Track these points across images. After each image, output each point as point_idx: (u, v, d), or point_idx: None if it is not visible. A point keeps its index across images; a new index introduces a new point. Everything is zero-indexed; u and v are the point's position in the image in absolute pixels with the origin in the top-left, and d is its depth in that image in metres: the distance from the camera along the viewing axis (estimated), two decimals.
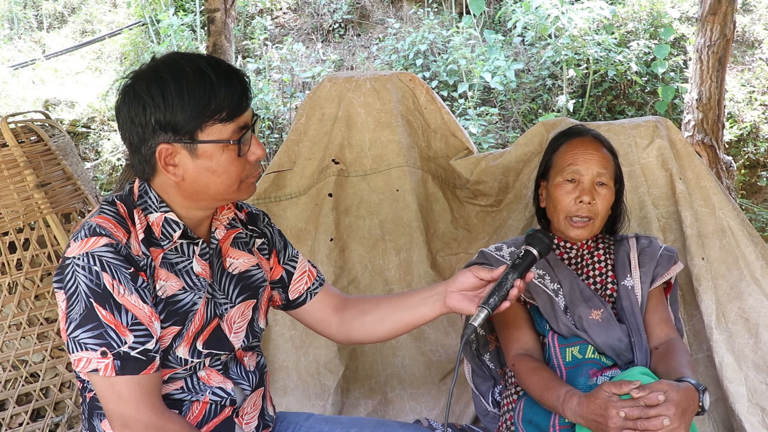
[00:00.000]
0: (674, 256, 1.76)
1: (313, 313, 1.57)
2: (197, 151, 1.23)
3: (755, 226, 4.65)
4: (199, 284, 1.33)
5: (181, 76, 1.21)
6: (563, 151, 1.74)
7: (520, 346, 1.66)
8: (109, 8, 7.80)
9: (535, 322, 1.72)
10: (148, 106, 1.20)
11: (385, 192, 2.35)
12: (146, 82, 1.22)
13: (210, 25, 4.16)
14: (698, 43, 3.89)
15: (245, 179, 1.29)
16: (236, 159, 1.25)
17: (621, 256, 1.75)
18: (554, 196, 1.71)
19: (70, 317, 1.20)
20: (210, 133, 1.22)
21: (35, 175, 2.35)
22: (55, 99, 6.35)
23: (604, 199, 1.69)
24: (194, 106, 1.20)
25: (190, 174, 1.25)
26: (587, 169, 1.68)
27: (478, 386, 1.91)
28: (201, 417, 1.33)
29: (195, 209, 1.32)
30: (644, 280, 1.70)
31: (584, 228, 1.68)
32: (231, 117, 1.23)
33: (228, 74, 1.24)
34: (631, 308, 1.67)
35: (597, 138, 1.76)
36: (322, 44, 6.79)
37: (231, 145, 1.24)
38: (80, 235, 1.21)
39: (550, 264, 1.73)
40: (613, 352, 1.63)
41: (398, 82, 2.35)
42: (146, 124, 1.21)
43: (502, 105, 5.90)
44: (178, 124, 1.20)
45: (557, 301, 1.68)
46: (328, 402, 2.26)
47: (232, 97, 1.22)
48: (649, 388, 1.33)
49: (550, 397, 1.48)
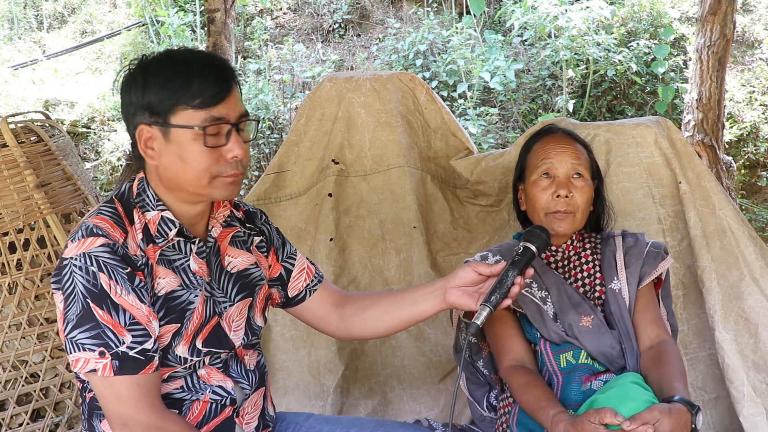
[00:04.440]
0: (661, 252, 1.73)
1: (313, 310, 1.57)
2: (170, 136, 1.25)
3: (755, 226, 4.65)
4: (195, 282, 1.33)
5: (167, 60, 1.26)
6: (536, 150, 1.74)
7: (512, 357, 1.64)
8: (109, 8, 7.80)
9: (525, 331, 1.70)
10: (134, 86, 1.25)
11: (385, 192, 2.35)
12: (139, 66, 1.27)
13: (210, 25, 4.16)
14: (698, 43, 3.88)
15: (218, 175, 1.27)
16: (205, 150, 1.25)
17: (607, 257, 1.72)
18: (532, 195, 1.70)
19: (67, 318, 1.20)
20: (180, 118, 1.24)
21: (35, 175, 2.35)
22: (55, 99, 6.35)
23: (582, 191, 1.67)
24: (169, 89, 1.23)
25: (163, 160, 1.27)
26: (561, 162, 1.68)
27: (473, 393, 1.90)
28: (201, 417, 1.33)
29: (182, 203, 1.32)
30: (631, 281, 1.68)
31: (565, 220, 1.66)
32: (204, 105, 1.24)
33: (213, 65, 1.27)
34: (620, 313, 1.65)
35: (568, 133, 1.76)
36: (322, 44, 6.79)
37: (199, 134, 1.24)
38: (77, 236, 1.22)
39: (537, 270, 1.69)
40: (605, 359, 1.61)
41: (398, 82, 2.35)
42: (130, 104, 1.27)
43: (502, 105, 5.90)
44: (152, 103, 1.24)
45: (545, 309, 1.66)
46: (328, 402, 2.26)
47: (207, 87, 1.24)
48: (640, 419, 1.29)
49: (540, 418, 1.47)
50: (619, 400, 1.35)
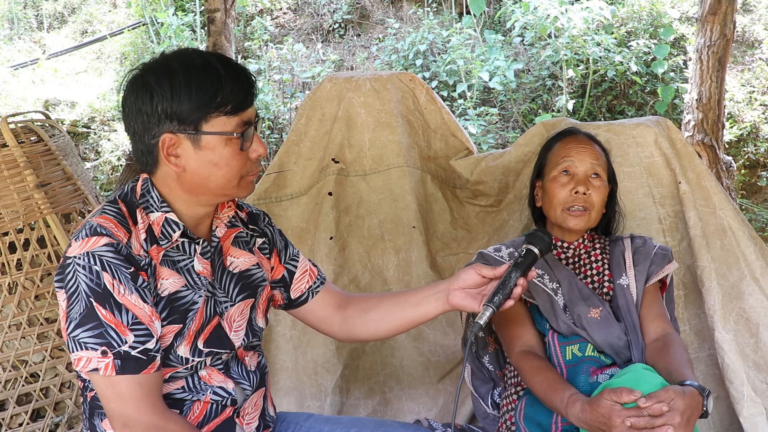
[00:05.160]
0: (668, 255, 1.79)
1: (315, 312, 1.57)
2: (200, 143, 1.24)
3: (755, 226, 4.65)
4: (199, 283, 1.33)
5: (191, 67, 1.23)
6: (557, 148, 1.81)
7: (524, 343, 1.68)
8: (109, 8, 7.79)
9: (535, 321, 1.73)
10: (156, 94, 1.22)
11: (385, 192, 2.35)
12: (155, 73, 1.24)
13: (210, 25, 4.16)
14: (698, 43, 3.88)
15: (245, 176, 1.30)
16: (238, 153, 1.26)
17: (616, 256, 1.78)
18: (550, 191, 1.76)
19: (70, 316, 1.20)
20: (214, 125, 1.23)
21: (35, 175, 2.35)
22: (56, 99, 6.35)
23: (599, 191, 1.74)
24: (201, 97, 1.21)
25: (191, 165, 1.25)
26: (581, 161, 1.74)
27: (478, 389, 1.93)
28: (202, 417, 1.33)
29: (196, 205, 1.32)
30: (639, 278, 1.73)
31: (581, 217, 1.72)
32: (236, 111, 1.24)
33: (236, 70, 1.26)
34: (627, 306, 1.70)
35: (589, 136, 1.84)
36: (322, 44, 6.78)
37: (234, 139, 1.25)
38: (81, 235, 1.22)
39: (549, 264, 1.76)
40: (612, 350, 1.65)
41: (398, 82, 2.35)
42: (152, 113, 1.22)
43: (502, 105, 5.90)
44: (183, 113, 1.22)
45: (556, 299, 1.71)
46: (327, 402, 2.26)
47: (239, 92, 1.24)
48: (655, 397, 1.33)
49: (554, 399, 1.49)
50: (634, 384, 1.38)
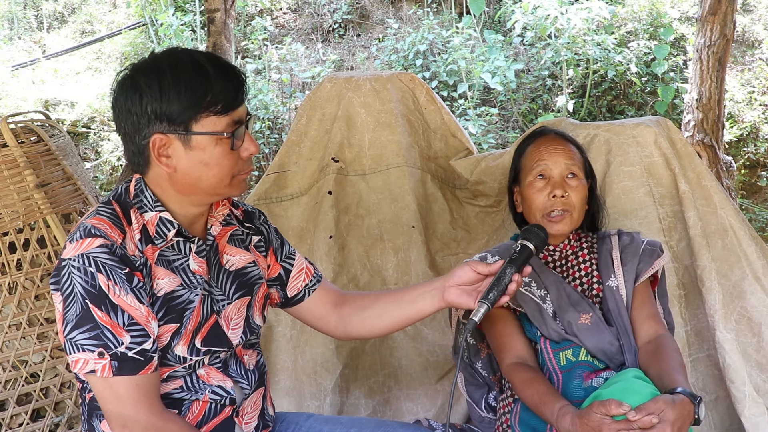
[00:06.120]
0: (657, 250, 1.74)
1: (312, 310, 1.57)
2: (191, 143, 1.23)
3: (755, 226, 4.65)
4: (195, 282, 1.33)
5: (179, 67, 1.22)
6: (530, 152, 1.76)
7: (514, 355, 1.64)
8: (109, 8, 7.80)
9: (525, 329, 1.71)
10: (145, 95, 1.21)
11: (384, 192, 2.35)
12: (144, 73, 1.23)
13: (210, 25, 4.16)
14: (698, 43, 3.88)
15: (237, 174, 1.30)
16: (229, 153, 1.26)
17: (604, 255, 1.74)
18: (528, 197, 1.72)
19: (66, 318, 1.20)
20: (204, 125, 1.23)
21: (35, 175, 2.35)
22: (55, 99, 6.35)
23: (577, 191, 1.69)
24: (190, 97, 1.21)
25: (182, 166, 1.25)
26: (555, 163, 1.70)
27: (472, 394, 1.91)
28: (201, 417, 1.33)
29: (189, 205, 1.32)
30: (628, 278, 1.70)
31: (563, 221, 1.67)
32: (226, 110, 1.24)
33: (225, 68, 1.25)
34: (618, 309, 1.67)
35: (560, 134, 1.79)
36: (322, 44, 6.78)
37: (224, 138, 1.24)
38: (76, 237, 1.22)
39: (536, 270, 1.71)
40: (605, 356, 1.63)
41: (398, 83, 2.35)
42: (142, 114, 1.22)
43: (502, 105, 5.89)
44: (173, 114, 1.21)
45: (545, 307, 1.67)
46: (326, 402, 2.26)
47: (228, 91, 1.24)
48: (645, 409, 1.31)
49: (545, 412, 1.47)
50: (623, 394, 1.37)
